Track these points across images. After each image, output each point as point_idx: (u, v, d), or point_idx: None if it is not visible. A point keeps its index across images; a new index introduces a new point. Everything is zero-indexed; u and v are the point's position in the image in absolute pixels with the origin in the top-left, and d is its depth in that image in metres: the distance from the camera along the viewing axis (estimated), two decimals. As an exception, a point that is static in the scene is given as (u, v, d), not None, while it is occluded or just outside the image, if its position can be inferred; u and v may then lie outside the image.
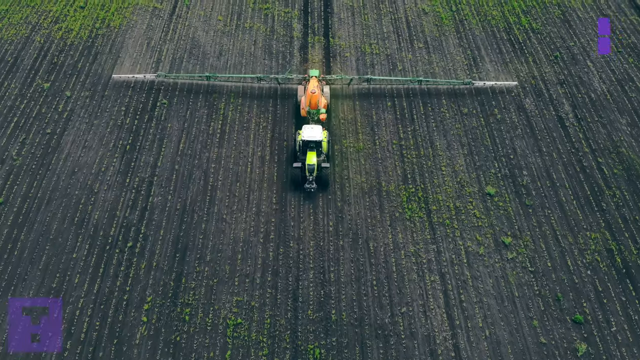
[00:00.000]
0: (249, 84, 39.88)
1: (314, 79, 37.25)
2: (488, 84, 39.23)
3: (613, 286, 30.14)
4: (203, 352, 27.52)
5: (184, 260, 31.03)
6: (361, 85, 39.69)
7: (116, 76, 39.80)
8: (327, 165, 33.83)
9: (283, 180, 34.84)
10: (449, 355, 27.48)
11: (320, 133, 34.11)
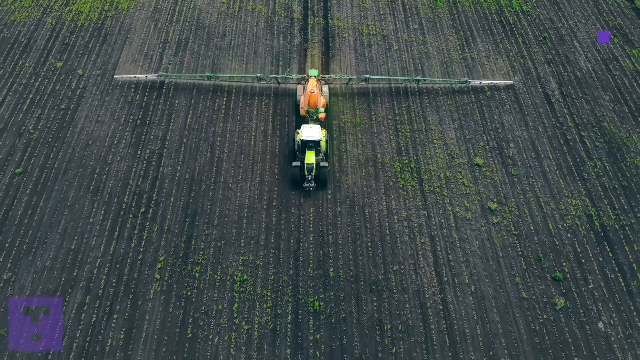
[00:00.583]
0: (253, 65, 42.33)
1: (313, 78, 38.24)
2: (485, 83, 40.56)
3: (591, 248, 32.90)
4: (212, 305, 30.34)
5: (193, 224, 33.78)
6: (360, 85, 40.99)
7: (118, 77, 40.96)
8: (326, 164, 34.93)
9: (285, 153, 37.48)
10: (437, 309, 30.29)
11: (319, 133, 35.12)
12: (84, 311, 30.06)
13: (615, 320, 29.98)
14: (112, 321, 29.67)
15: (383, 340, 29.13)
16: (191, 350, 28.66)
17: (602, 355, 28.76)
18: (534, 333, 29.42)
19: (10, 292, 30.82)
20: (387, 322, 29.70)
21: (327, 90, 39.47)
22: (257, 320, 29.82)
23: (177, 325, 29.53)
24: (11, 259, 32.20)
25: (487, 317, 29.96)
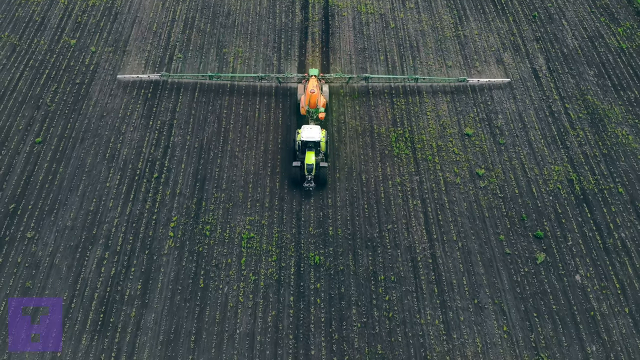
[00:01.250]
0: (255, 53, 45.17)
1: (313, 78, 39.42)
2: (482, 81, 42.01)
3: (571, 209, 36.08)
4: (222, 259, 33.59)
5: (203, 188, 36.94)
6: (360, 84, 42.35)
7: (121, 76, 42.36)
8: (326, 165, 36.31)
9: (287, 124, 40.52)
10: (427, 262, 33.55)
11: (318, 133, 36.24)
12: (104, 265, 33.32)
13: (591, 273, 33.23)
14: (129, 273, 32.95)
15: (377, 289, 32.40)
16: (203, 298, 31.95)
17: (578, 304, 32.03)
18: (515, 284, 32.69)
19: (33, 248, 34.02)
20: (381, 273, 32.96)
21: (327, 89, 40.73)
22: (262, 271, 33.09)
23: (189, 277, 32.80)
24: (34, 219, 35.38)
25: (473, 269, 33.21)
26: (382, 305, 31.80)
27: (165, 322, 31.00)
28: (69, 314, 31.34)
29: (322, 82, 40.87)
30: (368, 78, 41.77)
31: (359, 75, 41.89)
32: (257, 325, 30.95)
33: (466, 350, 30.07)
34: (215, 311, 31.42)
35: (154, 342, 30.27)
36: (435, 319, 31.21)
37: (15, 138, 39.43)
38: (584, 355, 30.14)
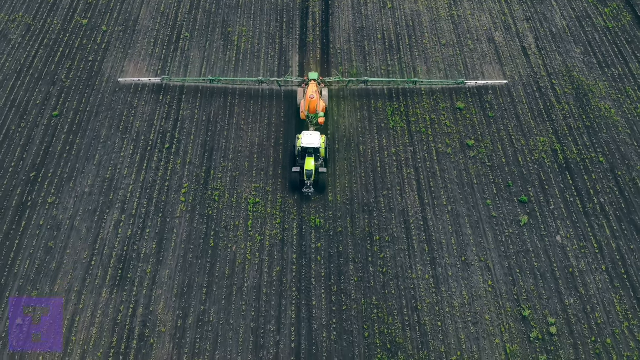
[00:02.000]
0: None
1: (313, 82, 40.58)
2: (480, 83, 43.50)
3: (554, 176, 39.27)
4: (230, 221, 36.86)
5: (211, 158, 40.11)
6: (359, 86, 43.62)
7: (122, 80, 43.64)
8: (325, 170, 37.66)
9: (289, 99, 43.55)
10: (419, 224, 36.81)
11: (318, 140, 37.39)
12: (121, 227, 36.59)
13: (571, 234, 36.51)
14: (145, 234, 36.23)
15: (372, 247, 35.71)
16: (213, 256, 35.27)
17: (558, 261, 35.34)
18: (500, 243, 35.99)
19: (54, 211, 37.26)
20: (376, 234, 36.25)
21: (327, 93, 41.82)
22: (267, 232, 36.37)
23: (200, 237, 36.09)
24: (54, 186, 38.60)
25: (461, 230, 36.50)
26: (377, 262, 35.11)
27: (179, 277, 34.34)
28: (89, 270, 34.67)
29: (321, 86, 41.94)
30: (367, 81, 43.08)
31: (358, 79, 43.04)
32: (263, 279, 34.29)
33: (453, 302, 33.42)
34: (225, 267, 34.75)
35: (169, 295, 33.63)
36: (426, 274, 34.54)
37: (34, 112, 42.51)
38: (562, 307, 33.48)
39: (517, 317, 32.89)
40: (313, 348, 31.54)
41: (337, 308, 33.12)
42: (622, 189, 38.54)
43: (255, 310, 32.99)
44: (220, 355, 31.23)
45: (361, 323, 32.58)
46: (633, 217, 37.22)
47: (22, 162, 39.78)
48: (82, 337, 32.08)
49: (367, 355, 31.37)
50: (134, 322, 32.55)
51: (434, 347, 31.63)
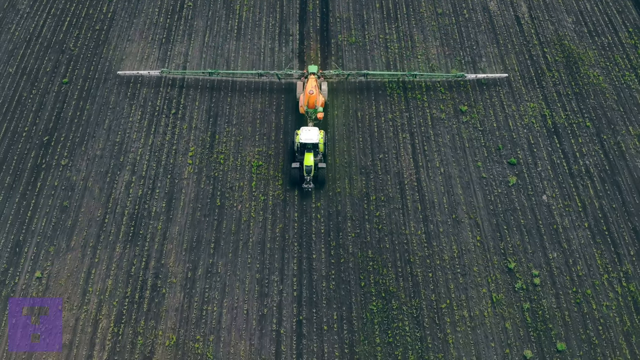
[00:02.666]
0: None
1: (312, 77, 41.10)
2: (480, 76, 43.83)
3: (542, 140, 41.85)
4: (235, 182, 39.54)
5: (216, 123, 42.59)
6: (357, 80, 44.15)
7: (121, 72, 44.00)
8: (324, 165, 38.44)
9: (290, 66, 45.77)
10: (413, 185, 39.51)
11: (317, 136, 37.90)
12: (131, 187, 39.28)
13: (556, 193, 39.26)
14: (155, 194, 38.95)
15: (369, 206, 38.48)
16: (220, 214, 38.04)
17: (543, 219, 38.14)
18: (489, 202, 38.76)
19: (68, 173, 39.88)
20: (372, 194, 38.99)
21: (326, 87, 42.28)
22: (270, 193, 39.10)
23: (207, 197, 38.82)
24: (66, 149, 41.16)
25: (452, 190, 39.23)
26: (373, 219, 37.91)
27: (188, 233, 37.17)
28: (103, 227, 37.47)
29: (320, 80, 42.44)
30: (367, 74, 43.52)
31: (358, 72, 43.65)
32: (267, 235, 37.13)
33: (444, 255, 36.34)
34: (231, 224, 37.56)
35: (179, 249, 36.49)
36: (418, 230, 37.39)
37: (44, 79, 44.83)
38: (545, 260, 36.40)
39: (503, 269, 35.84)
40: (313, 296, 34.53)
41: (335, 261, 36.03)
42: (607, 152, 41.16)
43: (259, 263, 35.89)
44: (228, 303, 34.24)
45: (358, 274, 35.53)
46: (616, 178, 39.91)
47: (34, 127, 42.26)
48: (98, 288, 35.04)
49: (362, 302, 34.38)
50: (147, 274, 35.48)
51: (424, 295, 34.64)
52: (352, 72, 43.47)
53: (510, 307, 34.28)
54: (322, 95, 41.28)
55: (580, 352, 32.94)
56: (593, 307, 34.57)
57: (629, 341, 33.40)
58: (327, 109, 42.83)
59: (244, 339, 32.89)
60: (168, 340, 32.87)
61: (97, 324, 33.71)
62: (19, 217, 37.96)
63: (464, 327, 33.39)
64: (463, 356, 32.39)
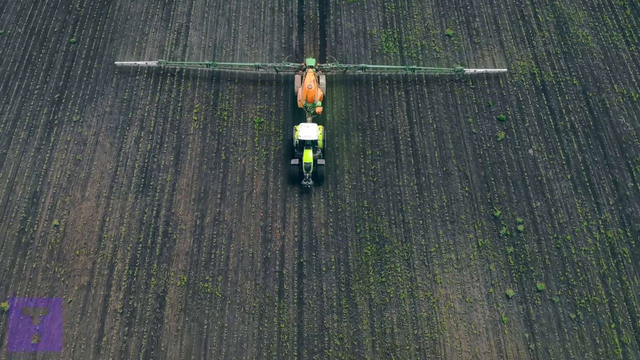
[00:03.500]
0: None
1: (310, 72, 41.97)
2: (479, 71, 44.92)
3: (531, 97, 44.79)
4: (239, 138, 42.61)
5: (219, 81, 45.35)
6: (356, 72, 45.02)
7: (119, 63, 45.21)
8: (323, 162, 39.51)
9: (289, 26, 48.25)
10: (407, 140, 42.63)
11: (315, 132, 38.85)
12: (140, 142, 42.36)
13: (542, 147, 42.43)
14: (163, 148, 42.07)
15: (365, 160, 41.69)
16: (225, 167, 41.26)
17: (529, 171, 41.41)
18: (478, 156, 41.96)
19: (79, 129, 42.88)
20: (368, 149, 42.15)
21: (324, 81, 43.41)
22: (272, 148, 42.24)
23: (213, 151, 41.96)
24: (77, 106, 44.05)
25: (444, 145, 42.39)
26: (369, 172, 41.17)
27: (196, 184, 40.45)
28: (115, 179, 40.70)
29: (319, 72, 43.57)
30: (365, 68, 44.34)
31: (355, 65, 44.45)
32: (269, 186, 40.45)
33: (434, 204, 39.77)
34: (236, 176, 40.83)
35: (188, 199, 39.83)
36: (411, 182, 40.70)
37: (52, 39, 47.34)
38: (529, 209, 39.85)
39: (489, 217, 39.32)
40: (313, 241, 38.07)
41: (333, 210, 39.43)
42: (592, 109, 44.18)
43: (263, 212, 39.31)
44: (234, 247, 37.79)
45: (354, 222, 38.99)
46: (599, 134, 43.04)
47: (45, 85, 45.03)
48: (113, 234, 38.51)
49: (358, 246, 37.95)
50: (158, 222, 38.92)
51: (415, 240, 38.20)
52: (350, 65, 44.52)
53: (494, 251, 37.90)
54: (320, 89, 42.28)
55: (558, 292, 36.67)
56: (572, 252, 38.18)
57: (604, 282, 37.11)
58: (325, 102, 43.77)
59: (249, 279, 36.56)
60: (179, 280, 36.52)
61: (113, 267, 37.29)
62: (35, 170, 41.14)
63: (451, 269, 37.06)
64: (450, 294, 36.15)
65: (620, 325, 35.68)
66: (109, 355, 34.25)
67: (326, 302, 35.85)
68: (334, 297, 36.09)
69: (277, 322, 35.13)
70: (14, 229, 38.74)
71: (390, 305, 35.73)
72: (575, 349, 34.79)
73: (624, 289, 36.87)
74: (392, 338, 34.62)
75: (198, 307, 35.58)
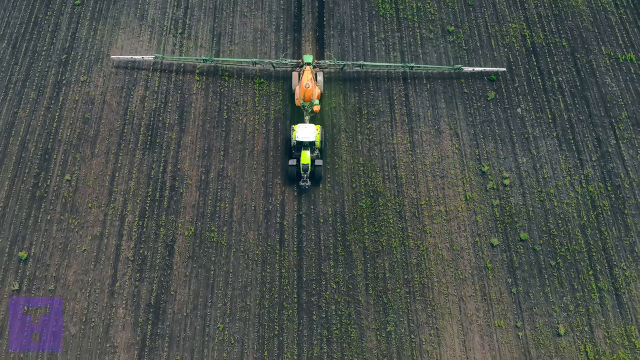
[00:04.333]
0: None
1: (307, 70, 42.80)
2: (477, 70, 45.93)
3: (521, 58, 47.62)
4: (240, 98, 45.58)
5: (219, 42, 48.04)
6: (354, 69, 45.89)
7: (115, 57, 46.22)
8: (321, 163, 40.64)
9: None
10: (401, 100, 45.64)
11: (313, 133, 39.93)
12: (146, 101, 45.31)
13: (530, 106, 45.51)
14: (167, 107, 45.06)
15: (361, 120, 44.79)
16: (227, 125, 44.35)
17: (517, 129, 44.59)
18: (469, 114, 45.07)
19: (86, 88, 45.77)
20: (364, 109, 45.19)
21: (322, 78, 44.44)
22: (272, 107, 45.25)
23: (215, 110, 44.97)
24: (84, 66, 46.81)
25: (436, 104, 45.44)
26: (364, 131, 44.33)
27: (200, 142, 43.62)
28: (122, 136, 43.81)
29: (316, 70, 44.59)
30: (362, 65, 45.24)
31: (353, 63, 45.47)
32: (270, 144, 43.63)
33: (425, 161, 43.07)
34: (238, 135, 43.97)
35: (193, 156, 43.06)
36: (404, 139, 43.91)
37: (58, 1, 49.71)
38: (515, 164, 43.17)
39: (477, 172, 42.68)
40: (311, 195, 41.48)
41: (330, 166, 42.72)
42: (579, 69, 47.10)
43: (264, 168, 42.60)
44: (237, 200, 41.23)
45: (350, 177, 42.34)
46: (585, 93, 46.07)
47: (52, 46, 47.68)
48: (123, 189, 41.84)
49: (354, 200, 41.41)
50: (165, 177, 42.22)
51: (407, 194, 41.65)
52: (348, 62, 45.51)
53: (481, 204, 41.40)
54: (318, 87, 43.34)
55: (540, 241, 40.31)
56: (555, 204, 41.68)
57: (584, 233, 40.72)
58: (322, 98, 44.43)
59: (252, 229, 40.10)
60: (187, 231, 40.05)
61: (124, 218, 40.75)
62: (45, 128, 44.19)
63: (440, 220, 40.62)
64: (438, 243, 39.79)
65: (598, 272, 39.41)
66: (122, 298, 37.98)
67: (323, 250, 39.48)
68: (330, 246, 39.71)
69: (279, 267, 38.83)
70: (28, 183, 42.01)
71: (383, 252, 39.40)
72: (554, 293, 38.59)
73: (602, 238, 40.49)
74: (384, 282, 38.39)
75: (205, 255, 39.21)
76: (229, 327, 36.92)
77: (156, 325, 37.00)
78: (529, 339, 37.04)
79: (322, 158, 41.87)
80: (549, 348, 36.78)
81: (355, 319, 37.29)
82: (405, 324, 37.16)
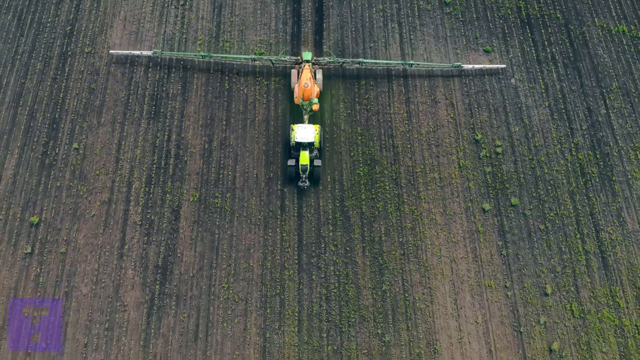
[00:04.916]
0: None
1: (306, 68, 43.57)
2: (477, 67, 47.00)
3: (516, 30, 49.59)
4: (240, 68, 47.67)
5: (220, 14, 49.93)
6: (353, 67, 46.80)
7: (114, 52, 47.34)
8: (319, 163, 41.56)
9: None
10: (399, 72, 47.75)
11: (312, 134, 40.87)
12: (149, 72, 47.41)
13: (523, 77, 47.66)
14: (171, 77, 47.19)
15: (359, 90, 46.97)
16: (229, 95, 46.56)
17: (510, 99, 46.82)
18: (464, 85, 47.25)
19: (91, 59, 47.81)
20: (363, 80, 47.35)
21: (321, 76, 45.40)
22: (272, 78, 47.38)
23: (217, 81, 47.12)
24: (88, 38, 48.79)
25: (433, 75, 47.53)
26: (362, 101, 46.56)
27: (203, 111, 45.87)
28: (127, 106, 46.03)
29: (315, 67, 45.50)
30: (362, 62, 46.23)
31: (353, 60, 46.46)
32: (270, 114, 45.91)
33: (421, 130, 45.40)
34: (239, 105, 46.20)
35: (196, 125, 45.35)
36: (401, 109, 46.17)
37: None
38: (508, 133, 45.52)
39: (471, 140, 45.07)
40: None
41: (329, 136, 45.07)
42: (572, 41, 49.12)
43: (265, 137, 44.96)
44: (240, 168, 43.67)
45: (348, 146, 44.73)
46: (577, 64, 48.19)
47: (56, 18, 49.57)
48: (129, 156, 44.22)
49: (352, 168, 43.87)
50: (170, 145, 44.59)
51: (403, 162, 44.10)
52: (347, 59, 46.50)
53: (474, 171, 43.87)
54: (317, 85, 44.22)
55: (530, 206, 42.88)
56: (545, 171, 44.15)
57: (573, 198, 43.28)
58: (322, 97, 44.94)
59: (254, 195, 42.64)
60: (192, 197, 42.58)
61: (131, 185, 43.23)
62: (52, 98, 46.37)
63: (434, 186, 43.14)
64: (432, 208, 42.39)
65: (585, 235, 42.08)
66: (131, 260, 40.68)
67: (322, 215, 42.07)
68: (329, 211, 42.29)
69: (280, 231, 41.48)
70: (37, 152, 44.37)
71: (379, 217, 42.01)
72: (542, 255, 41.31)
73: (590, 204, 43.06)
74: (380, 245, 41.09)
75: (209, 219, 41.82)
76: (233, 287, 39.72)
77: (164, 285, 39.78)
78: (517, 297, 39.87)
79: (320, 158, 42.91)
80: (537, 306, 39.62)
81: (352, 279, 40.08)
82: (399, 284, 39.96)
